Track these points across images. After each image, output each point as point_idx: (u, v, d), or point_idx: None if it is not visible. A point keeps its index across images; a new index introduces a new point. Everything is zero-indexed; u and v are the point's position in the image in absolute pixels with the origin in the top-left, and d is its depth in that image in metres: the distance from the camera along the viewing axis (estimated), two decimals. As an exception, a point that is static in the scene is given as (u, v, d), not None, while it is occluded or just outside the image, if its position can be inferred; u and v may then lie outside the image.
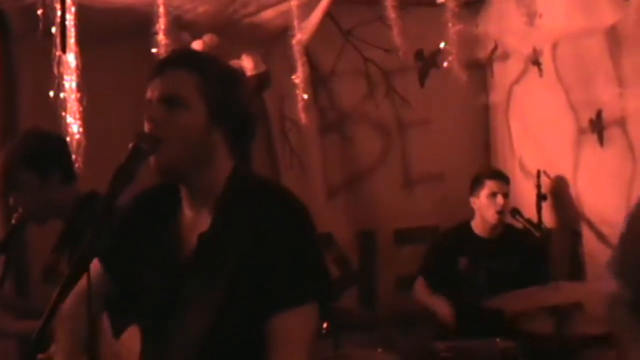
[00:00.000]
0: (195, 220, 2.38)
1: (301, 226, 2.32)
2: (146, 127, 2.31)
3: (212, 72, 2.38)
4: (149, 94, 2.35)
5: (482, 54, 6.51)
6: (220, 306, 2.24)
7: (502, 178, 5.64)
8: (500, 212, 5.52)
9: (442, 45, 5.46)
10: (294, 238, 2.29)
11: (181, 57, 2.44)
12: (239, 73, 3.12)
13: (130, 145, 2.24)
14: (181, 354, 2.22)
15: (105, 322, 2.49)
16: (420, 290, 5.68)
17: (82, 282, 2.07)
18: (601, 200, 5.37)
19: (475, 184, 5.64)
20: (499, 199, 5.52)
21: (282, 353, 2.19)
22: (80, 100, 4.82)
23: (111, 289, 2.53)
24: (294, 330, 2.01)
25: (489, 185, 5.56)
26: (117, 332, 2.55)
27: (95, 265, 2.43)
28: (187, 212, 2.41)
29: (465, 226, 5.74)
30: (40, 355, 3.02)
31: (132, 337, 2.49)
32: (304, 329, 2.22)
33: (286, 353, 2.18)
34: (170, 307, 2.34)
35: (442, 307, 5.42)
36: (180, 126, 2.29)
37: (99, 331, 2.28)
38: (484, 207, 5.57)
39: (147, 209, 2.50)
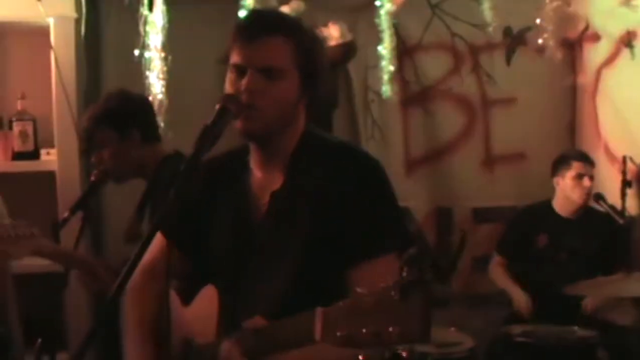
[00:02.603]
0: (267, 180, 2.40)
1: (376, 179, 2.36)
2: (236, 92, 2.29)
3: (306, 40, 2.37)
4: (241, 59, 2.31)
5: (573, 33, 6.36)
6: (298, 259, 2.27)
7: (588, 160, 5.54)
8: (585, 195, 5.41)
9: (537, 21, 5.36)
10: (371, 191, 2.32)
11: (277, 23, 2.37)
12: (323, 41, 3.14)
13: (218, 106, 2.23)
14: (262, 309, 2.21)
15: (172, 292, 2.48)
16: (497, 270, 5.63)
17: (147, 256, 2.08)
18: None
19: (560, 164, 5.55)
20: (586, 181, 5.43)
21: None
22: (164, 60, 4.83)
23: (179, 261, 2.55)
24: (375, 279, 2.00)
25: (576, 167, 5.47)
26: (188, 298, 2.54)
27: (158, 240, 2.44)
28: (257, 173, 2.44)
29: (546, 204, 5.66)
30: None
31: (206, 299, 2.48)
32: (385, 279, 2.21)
33: None
34: (248, 265, 2.37)
35: (519, 296, 5.36)
36: (279, 97, 2.29)
37: (169, 303, 2.27)
38: (569, 188, 5.48)
39: (215, 175, 2.51)
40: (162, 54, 4.89)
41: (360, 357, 1.96)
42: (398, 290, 1.67)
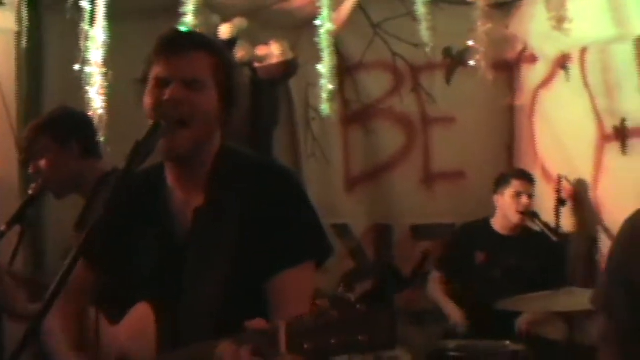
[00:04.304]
0: (188, 197, 2.45)
1: (293, 190, 2.47)
2: (157, 103, 2.34)
3: (225, 58, 2.48)
4: (165, 72, 2.37)
5: (510, 55, 6.48)
6: (225, 273, 2.33)
7: (528, 179, 5.62)
8: (523, 213, 5.50)
9: (470, 43, 5.45)
10: (289, 202, 2.41)
11: (198, 39, 2.49)
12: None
13: (150, 122, 2.28)
14: (195, 323, 2.28)
15: (95, 313, 2.48)
16: (434, 287, 5.69)
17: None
18: (620, 208, 5.31)
19: (501, 182, 5.64)
20: (524, 199, 5.51)
21: (284, 310, 2.23)
22: (105, 75, 4.84)
23: (98, 282, 2.59)
24: (295, 287, 2.08)
25: (515, 185, 5.55)
26: (115, 317, 2.55)
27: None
28: (177, 191, 2.48)
29: (485, 222, 5.74)
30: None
31: (138, 316, 2.49)
32: (305, 285, 2.33)
33: (288, 310, 2.20)
34: (179, 282, 2.40)
35: (454, 312, 5.43)
36: (201, 107, 2.36)
37: (95, 323, 2.30)
38: (507, 206, 5.57)
39: (134, 194, 2.51)
40: (103, 70, 4.89)
41: None
42: (364, 301, 1.75)
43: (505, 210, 5.61)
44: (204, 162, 2.44)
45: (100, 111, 4.85)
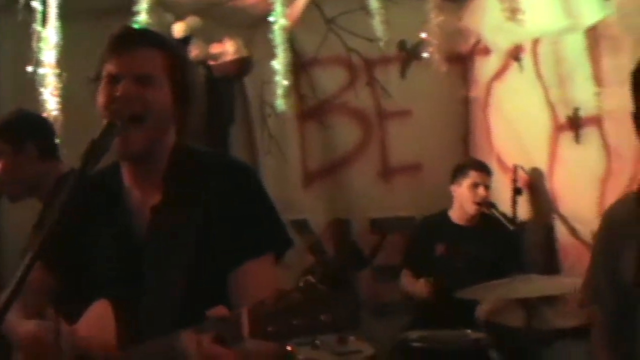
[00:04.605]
0: (145, 196, 2.45)
1: (251, 184, 2.48)
2: (110, 100, 2.34)
3: (178, 55, 2.49)
4: (117, 68, 2.37)
5: (464, 48, 6.52)
6: (185, 269, 2.33)
7: (485, 170, 5.68)
8: (479, 203, 5.55)
9: (422, 35, 5.48)
10: (247, 195, 2.42)
11: (151, 36, 2.50)
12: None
13: (105, 121, 2.28)
14: (157, 319, 2.28)
15: (54, 315, 2.48)
16: (406, 279, 5.70)
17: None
18: (575, 196, 5.42)
19: (458, 173, 5.68)
20: (481, 190, 5.56)
21: (247, 301, 2.21)
22: (58, 76, 4.81)
23: (56, 284, 2.59)
24: (256, 278, 2.08)
25: (473, 176, 5.60)
26: (72, 316, 2.54)
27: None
28: (135, 190, 2.48)
29: (443, 214, 5.78)
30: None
31: (97, 314, 2.49)
32: (266, 276, 2.34)
33: (251, 301, 2.20)
34: (140, 279, 2.40)
35: (419, 284, 5.45)
36: (155, 103, 2.36)
37: (55, 322, 2.30)
38: (465, 197, 5.62)
39: (91, 195, 2.50)
40: (56, 71, 4.86)
41: (288, 347, 2.02)
42: (326, 282, 1.77)
43: (462, 201, 5.66)
44: (160, 160, 2.44)
45: (54, 112, 4.82)
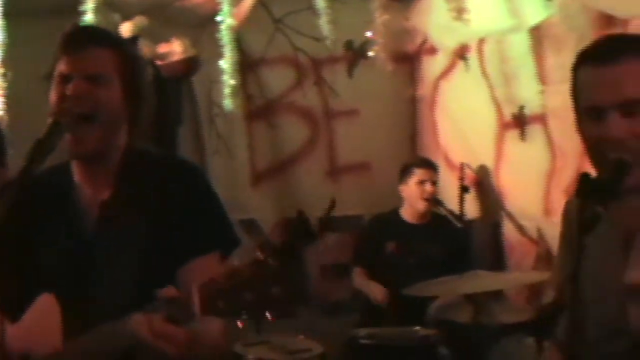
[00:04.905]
0: (96, 194, 2.45)
1: (199, 183, 2.50)
2: (61, 99, 2.33)
3: (129, 54, 2.48)
4: (68, 68, 2.37)
5: (411, 47, 6.57)
6: (133, 265, 2.34)
7: (431, 166, 5.72)
8: (427, 200, 5.59)
9: (368, 34, 5.51)
10: (195, 194, 2.45)
11: (102, 35, 2.50)
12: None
13: (50, 120, 2.28)
14: (105, 313, 2.24)
15: None
16: (358, 277, 5.72)
17: None
18: (522, 193, 5.49)
19: (405, 172, 5.71)
20: (427, 187, 5.60)
21: None
22: (4, 76, 4.77)
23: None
24: (201, 277, 2.06)
25: (418, 174, 5.63)
26: (15, 315, 2.52)
27: None
28: (86, 188, 2.47)
29: (395, 213, 5.81)
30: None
31: (40, 311, 2.47)
32: (210, 275, 2.32)
33: None
34: (88, 275, 2.40)
35: (375, 288, 5.47)
36: (106, 102, 2.36)
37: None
38: (412, 194, 5.65)
39: (39, 193, 2.50)
40: (2, 70, 4.81)
41: (239, 323, 2.02)
42: (275, 255, 1.77)
43: (410, 199, 5.69)
44: (111, 160, 2.44)
45: (0, 112, 4.78)
